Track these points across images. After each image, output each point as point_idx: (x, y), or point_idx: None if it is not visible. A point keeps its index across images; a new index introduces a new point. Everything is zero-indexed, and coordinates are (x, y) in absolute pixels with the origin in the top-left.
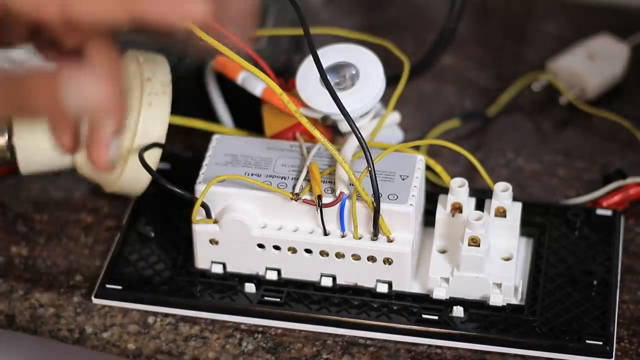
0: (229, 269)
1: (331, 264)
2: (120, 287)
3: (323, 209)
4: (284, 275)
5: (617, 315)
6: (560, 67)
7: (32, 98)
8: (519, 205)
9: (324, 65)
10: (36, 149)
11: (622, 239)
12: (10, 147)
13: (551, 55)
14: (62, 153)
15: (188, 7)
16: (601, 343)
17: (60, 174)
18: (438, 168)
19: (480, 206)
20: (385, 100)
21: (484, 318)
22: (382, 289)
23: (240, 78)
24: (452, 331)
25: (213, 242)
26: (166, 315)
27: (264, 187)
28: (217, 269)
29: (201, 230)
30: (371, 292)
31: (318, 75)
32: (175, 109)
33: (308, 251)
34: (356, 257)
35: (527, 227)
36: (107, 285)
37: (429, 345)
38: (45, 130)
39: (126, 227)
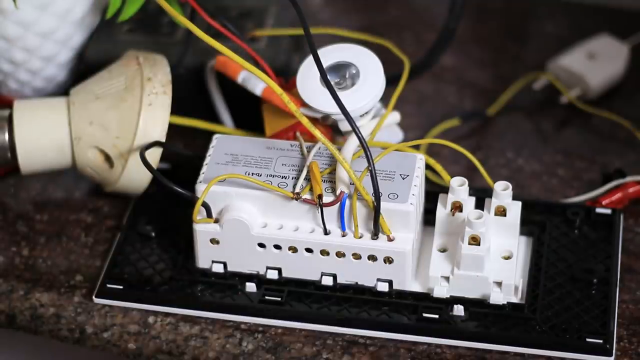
0: (230, 268)
1: (332, 263)
2: (121, 287)
3: (323, 208)
4: (284, 274)
5: (616, 315)
6: (560, 67)
7: None
8: (518, 204)
9: (324, 64)
10: (36, 149)
11: (622, 238)
12: (10, 146)
13: (551, 55)
14: None
15: None
16: (601, 341)
17: (61, 173)
18: (438, 167)
19: (480, 205)
20: (385, 100)
21: (484, 316)
22: (383, 287)
23: (241, 78)
24: (452, 330)
25: (214, 241)
26: (166, 314)
27: (265, 187)
28: (218, 269)
29: (202, 230)
30: (372, 291)
31: (318, 74)
32: (176, 109)
33: (309, 250)
34: (357, 256)
35: (527, 225)
36: (108, 285)
37: (429, 344)
38: (46, 130)
39: (126, 227)
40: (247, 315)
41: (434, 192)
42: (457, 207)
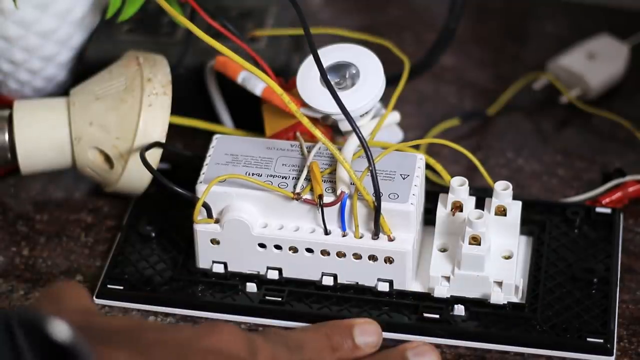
0: (230, 268)
1: (332, 263)
2: (121, 287)
3: (324, 208)
4: (285, 274)
5: (617, 315)
6: (560, 67)
7: None
8: (519, 204)
9: (324, 64)
10: (36, 149)
11: (622, 238)
12: (10, 147)
13: (551, 55)
14: None
15: None
16: (602, 341)
17: (61, 173)
18: (438, 167)
19: (480, 205)
20: (385, 100)
21: (484, 316)
22: (383, 287)
23: (240, 78)
24: (453, 329)
25: (214, 241)
26: (167, 315)
27: (265, 187)
28: (218, 269)
29: (202, 230)
30: (372, 291)
31: (318, 74)
32: (176, 109)
33: (309, 250)
34: (357, 256)
35: (527, 225)
36: (109, 286)
37: (430, 344)
38: (46, 130)
39: (127, 227)
40: (247, 316)
41: (434, 192)
42: (458, 207)
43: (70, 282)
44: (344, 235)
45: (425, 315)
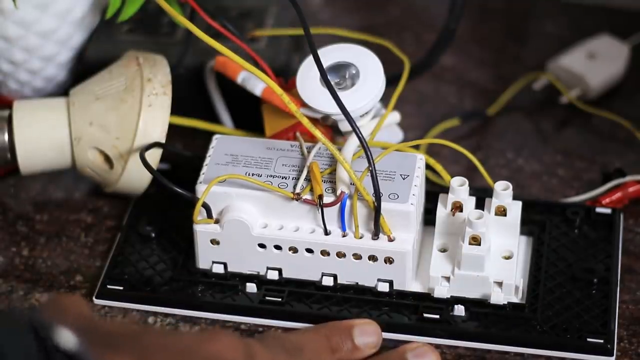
0: (230, 268)
1: (332, 264)
2: (121, 288)
3: (324, 209)
4: (285, 274)
5: (617, 315)
6: (560, 67)
7: None
8: (519, 204)
9: (324, 65)
10: (36, 149)
11: (622, 238)
12: (10, 147)
13: (551, 55)
14: None
15: None
16: (602, 341)
17: (61, 173)
18: (438, 167)
19: (480, 205)
20: (385, 100)
21: (485, 316)
22: (383, 288)
23: (240, 78)
24: (453, 330)
25: (214, 242)
26: (166, 315)
27: (265, 187)
28: (218, 269)
29: (202, 230)
30: (372, 291)
31: (318, 75)
32: (175, 109)
33: (309, 251)
34: (357, 257)
35: (527, 225)
36: (109, 286)
37: (430, 344)
38: (46, 130)
39: (127, 227)
40: (247, 316)
41: (434, 192)
42: (458, 207)
43: (67, 294)
44: (344, 236)
45: (425, 315)
